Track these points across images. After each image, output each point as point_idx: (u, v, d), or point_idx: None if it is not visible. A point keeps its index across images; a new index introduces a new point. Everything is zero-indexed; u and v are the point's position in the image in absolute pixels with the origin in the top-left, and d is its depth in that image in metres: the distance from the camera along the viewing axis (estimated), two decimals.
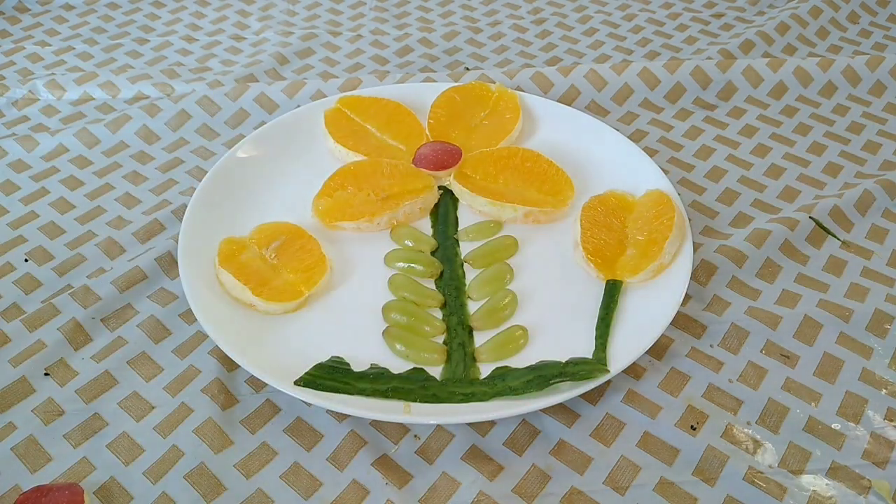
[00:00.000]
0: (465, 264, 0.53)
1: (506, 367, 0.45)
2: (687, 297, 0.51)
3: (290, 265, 0.51)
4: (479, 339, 0.48)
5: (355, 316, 0.49)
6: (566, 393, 0.43)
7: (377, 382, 0.44)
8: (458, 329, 0.48)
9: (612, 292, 0.49)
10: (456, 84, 0.67)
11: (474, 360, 0.46)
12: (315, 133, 0.62)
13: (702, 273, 0.53)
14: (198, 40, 0.81)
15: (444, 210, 0.57)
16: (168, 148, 0.66)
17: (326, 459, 0.43)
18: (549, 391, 0.43)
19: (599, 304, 0.49)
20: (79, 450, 0.44)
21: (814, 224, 0.56)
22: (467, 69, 0.74)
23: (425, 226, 0.56)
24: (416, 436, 0.44)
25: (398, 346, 0.47)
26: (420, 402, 0.43)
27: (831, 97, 0.70)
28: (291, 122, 0.63)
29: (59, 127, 0.68)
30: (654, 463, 0.43)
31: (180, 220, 0.55)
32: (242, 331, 0.47)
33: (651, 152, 0.63)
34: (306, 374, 0.44)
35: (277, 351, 0.46)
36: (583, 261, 0.51)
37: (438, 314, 0.49)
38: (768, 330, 0.49)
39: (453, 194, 0.58)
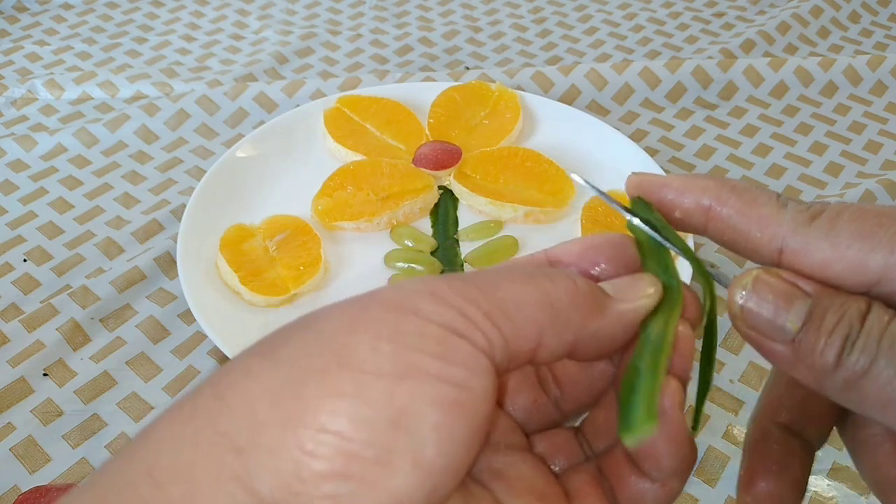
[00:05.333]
0: (465, 264, 0.53)
1: None
2: None
3: (286, 260, 0.51)
4: None
5: None
6: None
7: None
8: None
9: None
10: (456, 84, 0.66)
11: None
12: (314, 133, 0.62)
13: None
14: (197, 39, 0.81)
15: (444, 210, 0.57)
16: (167, 147, 0.66)
17: None
18: None
19: None
20: (78, 450, 0.44)
21: None
22: (467, 69, 0.74)
23: (425, 226, 0.56)
24: None
25: None
26: None
27: (832, 97, 0.70)
28: (291, 122, 0.62)
29: (58, 126, 0.68)
30: None
31: (179, 219, 0.55)
32: (242, 331, 0.47)
33: (652, 152, 0.63)
34: None
35: None
36: None
37: None
38: None
39: (453, 194, 0.58)
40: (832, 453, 0.43)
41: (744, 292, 0.20)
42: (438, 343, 0.17)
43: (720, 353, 0.48)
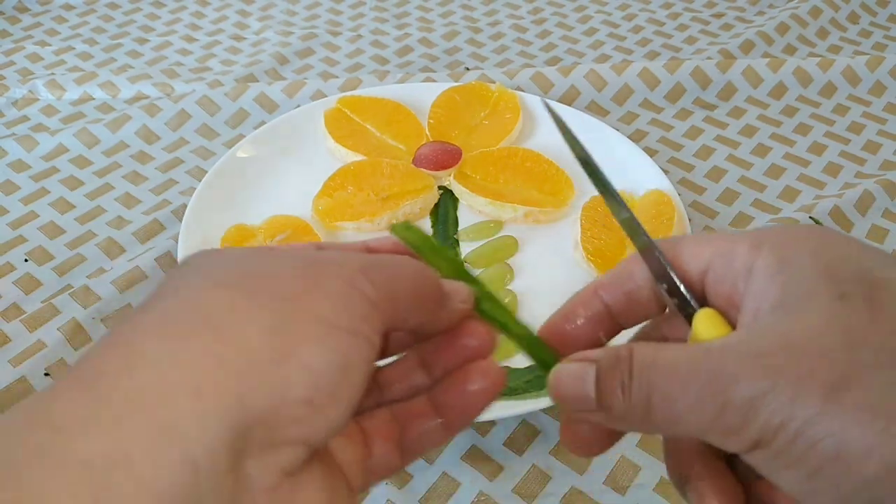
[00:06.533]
0: (465, 264, 0.53)
1: (506, 367, 0.45)
2: None
3: None
4: None
5: None
6: None
7: None
8: None
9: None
10: (456, 84, 0.67)
11: None
12: (315, 133, 0.62)
13: None
14: (198, 40, 0.81)
15: (444, 210, 0.57)
16: (168, 148, 0.66)
17: None
18: None
19: None
20: None
21: (814, 224, 0.56)
22: (467, 69, 0.74)
23: (425, 226, 0.56)
24: None
25: None
26: None
27: (831, 97, 0.70)
28: (291, 122, 0.63)
29: (59, 127, 0.68)
30: (654, 463, 0.43)
31: (180, 220, 0.55)
32: None
33: (651, 152, 0.63)
34: None
35: None
36: (583, 261, 0.51)
37: None
38: None
39: (453, 194, 0.58)
40: None
41: (551, 385, 0.24)
42: (369, 308, 0.21)
43: None
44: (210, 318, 0.19)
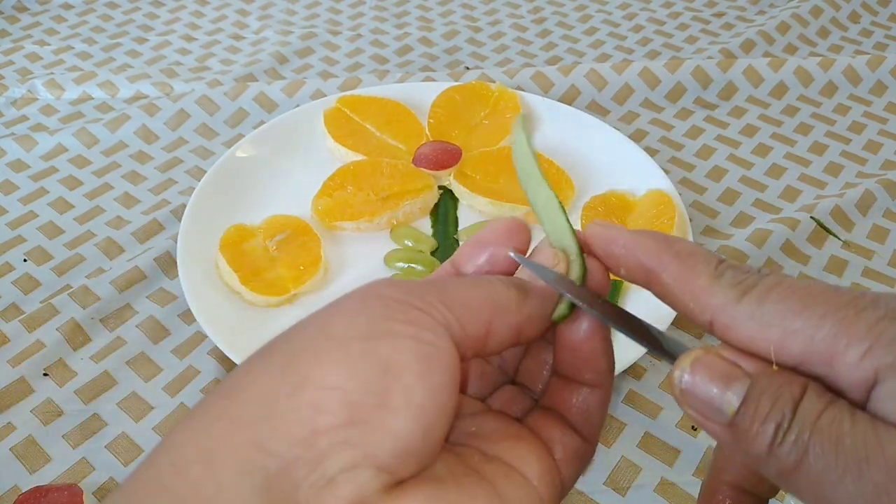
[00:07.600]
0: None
1: None
2: None
3: (287, 260, 0.51)
4: None
5: None
6: None
7: None
8: None
9: (613, 292, 0.49)
10: (456, 84, 0.66)
11: None
12: (314, 133, 0.62)
13: None
14: (197, 39, 0.81)
15: (444, 210, 0.57)
16: (167, 147, 0.66)
17: None
18: None
19: None
20: (78, 450, 0.44)
21: (815, 224, 0.56)
22: (467, 69, 0.74)
23: (425, 226, 0.56)
24: None
25: None
26: None
27: (832, 97, 0.70)
28: (291, 122, 0.62)
29: (58, 126, 0.68)
30: (654, 463, 0.43)
31: (179, 219, 0.55)
32: (242, 331, 0.47)
33: (652, 152, 0.63)
34: None
35: None
36: None
37: None
38: None
39: (453, 194, 0.58)
40: None
41: (684, 374, 0.20)
42: (404, 313, 0.20)
43: None
44: (228, 391, 0.19)
